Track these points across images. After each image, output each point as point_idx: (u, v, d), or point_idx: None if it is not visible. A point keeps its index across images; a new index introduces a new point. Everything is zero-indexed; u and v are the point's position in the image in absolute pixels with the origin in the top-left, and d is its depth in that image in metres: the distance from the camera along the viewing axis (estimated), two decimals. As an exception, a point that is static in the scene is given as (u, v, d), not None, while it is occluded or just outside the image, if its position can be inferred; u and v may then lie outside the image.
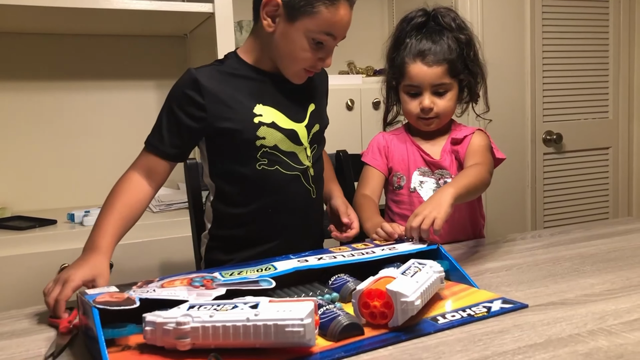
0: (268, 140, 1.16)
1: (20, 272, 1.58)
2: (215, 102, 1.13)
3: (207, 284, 0.84)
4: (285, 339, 0.69)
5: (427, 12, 1.36)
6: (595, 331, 0.77)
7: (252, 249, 1.22)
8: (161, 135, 1.15)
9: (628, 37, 2.49)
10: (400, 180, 1.38)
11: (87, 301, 0.76)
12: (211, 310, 0.72)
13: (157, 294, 0.80)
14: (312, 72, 1.18)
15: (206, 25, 1.95)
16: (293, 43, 1.12)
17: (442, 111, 1.34)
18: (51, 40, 2.09)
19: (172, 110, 1.15)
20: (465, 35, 1.34)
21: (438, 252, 1.03)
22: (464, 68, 1.35)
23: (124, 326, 0.77)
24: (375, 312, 0.79)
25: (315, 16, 1.09)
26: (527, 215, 2.35)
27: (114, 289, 0.82)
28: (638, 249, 1.20)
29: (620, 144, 2.53)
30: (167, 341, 0.72)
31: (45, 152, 2.10)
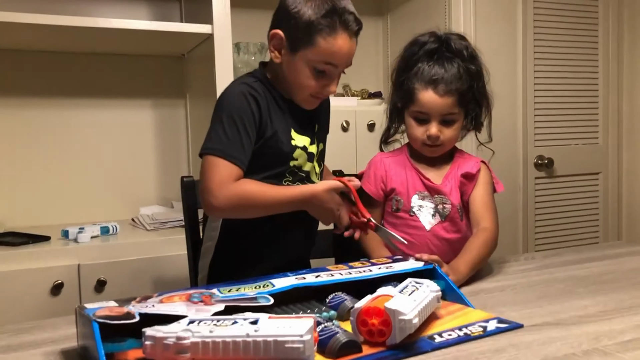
0: (299, 161, 1.23)
1: (14, 288, 1.57)
2: (267, 118, 1.19)
3: (206, 300, 0.84)
4: (285, 355, 0.70)
5: (439, 37, 1.36)
6: (590, 351, 0.78)
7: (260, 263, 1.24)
8: (243, 147, 1.15)
9: (617, 66, 2.55)
10: (399, 204, 1.38)
11: (87, 315, 0.76)
12: (211, 326, 0.72)
13: (157, 309, 0.80)
14: (320, 97, 1.23)
15: (204, 46, 1.97)
16: (297, 72, 1.18)
17: (447, 140, 1.35)
18: (48, 58, 2.11)
19: (242, 122, 1.15)
20: (476, 67, 1.35)
21: (434, 272, 1.04)
22: (472, 98, 1.36)
23: (124, 340, 0.77)
24: (373, 330, 0.80)
25: (314, 47, 1.14)
26: (518, 238, 2.37)
27: (113, 303, 0.82)
28: (629, 272, 1.22)
29: (610, 169, 2.57)
30: (167, 356, 0.72)
31: (40, 168, 2.10)
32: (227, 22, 1.85)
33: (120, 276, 1.68)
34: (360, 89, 2.46)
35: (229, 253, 1.27)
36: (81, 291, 1.65)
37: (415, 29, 2.36)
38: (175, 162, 2.30)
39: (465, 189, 1.38)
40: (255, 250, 1.26)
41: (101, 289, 1.66)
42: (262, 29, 2.30)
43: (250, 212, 1.17)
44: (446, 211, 1.35)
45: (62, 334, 0.90)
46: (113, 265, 1.69)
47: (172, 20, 2.19)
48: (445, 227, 1.36)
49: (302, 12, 1.14)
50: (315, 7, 1.13)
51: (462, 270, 1.18)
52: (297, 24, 1.14)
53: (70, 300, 1.63)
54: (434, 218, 1.35)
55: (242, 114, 1.15)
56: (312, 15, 1.13)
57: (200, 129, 2.15)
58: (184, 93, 2.30)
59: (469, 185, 1.38)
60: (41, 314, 1.58)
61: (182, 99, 2.30)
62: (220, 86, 1.85)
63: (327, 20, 1.13)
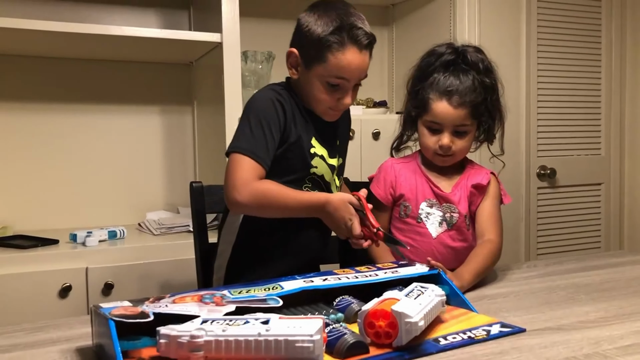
0: (319, 169, 1.29)
1: (23, 290, 1.60)
2: (291, 124, 1.25)
3: (217, 300, 0.86)
4: (295, 354, 0.72)
5: (455, 49, 1.39)
6: (590, 355, 0.80)
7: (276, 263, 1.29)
8: (267, 149, 1.21)
9: (619, 77, 2.57)
10: (407, 210, 1.40)
11: (103, 314, 0.78)
12: (224, 325, 0.75)
13: (170, 309, 0.82)
14: (338, 110, 1.29)
15: (213, 54, 2.00)
16: (312, 87, 1.25)
17: (459, 150, 1.37)
18: (58, 64, 2.14)
19: (269, 126, 1.22)
20: (491, 80, 1.37)
21: (439, 277, 1.06)
22: (485, 111, 1.38)
23: (138, 338, 0.79)
24: (380, 332, 0.82)
25: (325, 63, 1.21)
26: (520, 248, 2.39)
27: (127, 303, 0.84)
28: (631, 280, 1.24)
29: (612, 180, 2.59)
30: (180, 354, 0.74)
31: (49, 173, 2.13)
32: (236, 30, 1.89)
33: (127, 279, 1.71)
34: (365, 97, 2.48)
35: (246, 253, 1.31)
36: (89, 294, 1.67)
37: (420, 38, 2.40)
38: (182, 168, 2.33)
39: (475, 199, 1.40)
40: (271, 250, 1.30)
41: (108, 292, 1.68)
42: (269, 38, 2.36)
43: (269, 211, 1.22)
44: (453, 220, 1.37)
45: (76, 333, 0.92)
46: (120, 268, 1.71)
47: (181, 28, 2.23)
48: (452, 235, 1.38)
49: (312, 30, 1.21)
50: (324, 25, 1.20)
51: (466, 278, 1.21)
52: (308, 42, 1.22)
53: (78, 303, 1.65)
54: (441, 226, 1.38)
55: (269, 118, 1.22)
56: (321, 32, 1.20)
57: (207, 136, 2.18)
58: (191, 100, 2.33)
59: (478, 196, 1.40)
60: (50, 316, 1.58)
61: (190, 106, 2.33)
62: (228, 94, 1.88)
63: (335, 37, 1.20)
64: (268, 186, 1.19)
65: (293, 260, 1.30)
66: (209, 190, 1.47)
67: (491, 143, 1.45)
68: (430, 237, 1.37)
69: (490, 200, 1.41)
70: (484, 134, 1.43)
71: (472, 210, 1.41)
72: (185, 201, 2.28)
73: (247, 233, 1.30)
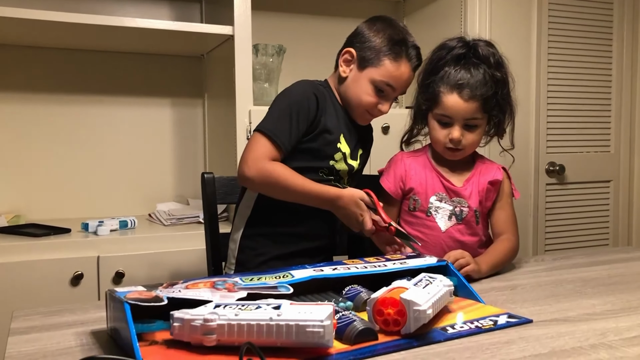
0: (339, 164, 1.35)
1: (35, 277, 1.63)
2: (322, 117, 1.32)
3: (230, 287, 0.88)
4: (306, 339, 0.74)
5: (466, 42, 1.39)
6: (596, 345, 0.81)
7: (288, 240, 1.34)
8: (290, 135, 1.27)
9: (630, 74, 2.56)
10: (416, 203, 1.41)
11: (119, 297, 0.80)
12: (236, 310, 0.76)
13: (183, 294, 0.84)
14: (373, 115, 1.38)
15: (224, 47, 2.02)
16: (360, 87, 1.34)
17: (469, 144, 1.38)
18: (72, 55, 2.16)
19: (297, 114, 1.28)
20: (502, 74, 1.38)
21: (447, 269, 1.07)
22: (496, 105, 1.38)
23: (153, 322, 0.82)
24: (388, 320, 0.83)
25: (380, 67, 1.32)
26: (528, 244, 2.39)
27: (141, 288, 0.86)
28: (638, 275, 1.25)
29: (622, 177, 2.58)
30: (193, 337, 0.76)
31: (61, 162, 2.16)
32: (248, 23, 1.90)
33: (138, 268, 1.73)
34: (374, 92, 2.49)
35: (258, 229, 1.36)
36: (100, 282, 1.70)
37: (431, 33, 2.40)
38: (192, 160, 2.35)
39: (490, 195, 1.41)
40: (282, 229, 1.34)
41: (119, 281, 1.71)
42: (280, 31, 2.38)
43: (276, 191, 1.27)
44: (463, 214, 1.38)
45: (91, 317, 0.94)
46: (131, 257, 1.73)
47: (192, 20, 2.25)
48: (461, 229, 1.39)
49: (375, 37, 1.33)
50: (389, 35, 1.33)
51: (482, 268, 1.23)
52: (370, 45, 1.33)
53: (90, 291, 1.68)
54: (450, 220, 1.39)
55: (299, 108, 1.29)
56: (384, 40, 1.32)
57: (218, 128, 2.20)
58: (202, 93, 2.35)
59: (493, 192, 1.41)
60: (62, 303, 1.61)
61: (200, 99, 2.35)
62: (239, 87, 1.90)
63: (397, 48, 1.32)
64: (278, 168, 1.24)
65: (303, 241, 1.35)
66: (220, 182, 1.48)
67: (501, 137, 1.45)
68: (439, 231, 1.38)
69: (505, 199, 1.43)
70: (494, 128, 1.43)
71: (486, 206, 1.41)
72: (195, 193, 2.31)
73: (261, 209, 1.35)
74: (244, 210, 1.38)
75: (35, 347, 0.80)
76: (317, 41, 2.43)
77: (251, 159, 1.24)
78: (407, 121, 1.50)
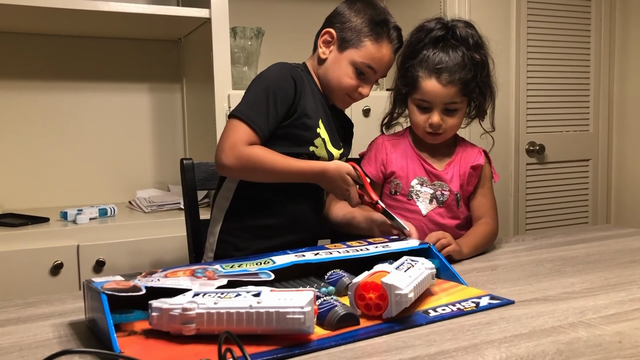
0: (319, 150, 1.29)
1: (14, 268, 1.60)
2: (299, 100, 1.27)
3: (209, 275, 0.87)
4: (286, 326, 0.73)
5: (445, 24, 1.37)
6: (575, 324, 0.82)
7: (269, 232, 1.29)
8: (267, 119, 1.22)
9: (609, 54, 2.58)
10: (397, 187, 1.40)
11: (96, 288, 0.78)
12: (215, 298, 0.75)
13: (162, 283, 0.83)
14: (353, 99, 1.34)
15: (201, 30, 1.99)
16: (340, 69, 1.30)
17: (449, 128, 1.37)
18: (46, 41, 2.11)
19: (274, 98, 1.23)
20: (481, 56, 1.36)
21: (429, 251, 1.07)
22: (476, 87, 1.36)
23: (131, 312, 0.80)
24: (370, 304, 0.83)
25: (361, 49, 1.28)
26: (509, 223, 2.42)
27: (119, 278, 0.85)
28: (616, 253, 1.26)
29: (600, 156, 2.61)
30: (172, 326, 0.75)
31: (38, 151, 2.12)
32: (225, 6, 1.87)
33: (119, 257, 1.71)
34: (355, 74, 2.48)
35: (237, 221, 1.31)
36: (80, 271, 1.68)
37: (410, 14, 2.38)
38: (172, 145, 2.33)
39: (472, 179, 1.41)
40: (263, 221, 1.30)
41: (100, 269, 1.69)
42: (258, 14, 2.34)
43: (258, 175, 1.22)
44: (444, 198, 1.39)
45: (69, 308, 0.93)
46: (112, 246, 1.72)
47: (169, 4, 2.20)
48: (441, 212, 1.39)
49: (356, 17, 1.29)
50: (370, 15, 1.29)
51: (463, 250, 1.24)
52: (350, 26, 1.29)
53: (70, 280, 1.66)
54: (431, 203, 1.39)
55: (277, 90, 1.23)
56: (365, 21, 1.28)
57: (197, 113, 2.18)
58: (180, 77, 2.32)
59: (474, 176, 1.41)
60: (41, 293, 1.59)
61: (179, 83, 2.32)
62: (217, 70, 1.87)
63: (378, 29, 1.28)
64: (256, 151, 1.19)
65: (285, 234, 1.30)
66: (200, 167, 1.47)
67: (482, 119, 1.45)
68: (420, 214, 1.39)
69: (486, 184, 1.42)
70: (474, 110, 1.42)
71: (467, 190, 1.41)
72: (175, 179, 2.28)
73: (240, 200, 1.30)
74: (221, 202, 1.32)
75: (11, 341, 0.79)
76: (297, 23, 2.40)
77: (228, 146, 1.18)
78: (387, 104, 1.49)
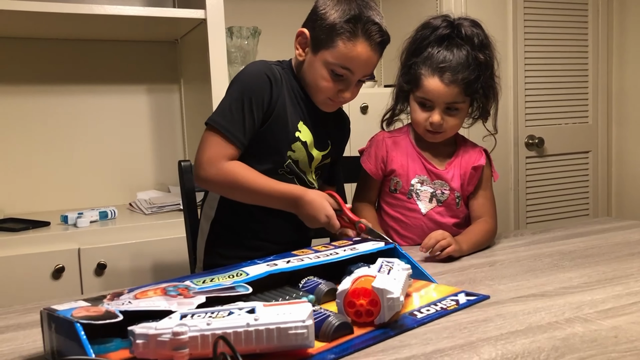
0: (296, 154, 1.25)
1: (16, 272, 1.61)
2: (277, 101, 1.22)
3: (184, 292, 0.81)
4: (288, 342, 0.69)
5: (451, 22, 1.34)
6: (572, 319, 0.82)
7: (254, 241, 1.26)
8: (244, 127, 1.18)
9: (607, 46, 2.58)
10: (397, 185, 1.40)
11: (64, 317, 0.69)
12: (206, 318, 0.69)
13: (136, 306, 0.75)
14: (337, 102, 1.26)
15: (197, 31, 1.99)
16: (316, 72, 1.22)
17: (450, 128, 1.35)
18: (44, 45, 2.12)
19: (250, 102, 1.18)
20: (486, 56, 1.33)
21: (395, 252, 1.05)
22: (479, 88, 1.34)
23: (110, 341, 0.72)
24: (361, 311, 0.80)
25: (334, 49, 1.18)
26: (510, 216, 2.42)
27: (84, 303, 0.76)
28: (614, 246, 1.27)
29: (600, 147, 2.61)
30: (162, 353, 0.67)
31: (37, 155, 2.13)
32: (220, 6, 1.87)
33: (120, 259, 1.72)
34: (353, 71, 2.48)
35: (223, 231, 1.28)
36: (82, 275, 1.68)
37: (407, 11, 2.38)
38: (171, 146, 2.33)
39: (472, 180, 1.40)
40: (248, 229, 1.27)
41: (102, 272, 1.70)
42: (254, 13, 2.34)
43: (236, 194, 1.19)
44: (444, 197, 1.38)
45: (68, 313, 0.93)
46: (113, 248, 1.72)
47: (165, 5, 2.21)
48: (441, 211, 1.39)
49: (328, 14, 1.19)
50: (342, 12, 1.18)
51: (463, 247, 1.23)
52: (322, 25, 1.19)
53: (72, 284, 1.67)
54: (431, 202, 1.39)
55: (252, 94, 1.18)
56: (336, 18, 1.17)
57: (195, 113, 2.18)
58: (178, 78, 2.32)
59: (475, 177, 1.40)
60: (43, 297, 1.61)
61: (177, 84, 2.32)
62: (214, 70, 1.87)
63: (350, 26, 1.17)
64: (237, 169, 1.16)
65: (270, 241, 1.27)
66: (198, 169, 1.47)
67: (485, 121, 1.42)
68: (419, 213, 1.38)
69: (486, 183, 1.41)
70: (477, 111, 1.40)
71: (467, 190, 1.40)
72: (175, 180, 2.29)
73: (225, 210, 1.27)
74: (208, 212, 1.30)
75: (10, 347, 0.79)
76: (293, 21, 2.37)
77: (205, 161, 1.15)
78: (389, 100, 1.47)
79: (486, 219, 1.37)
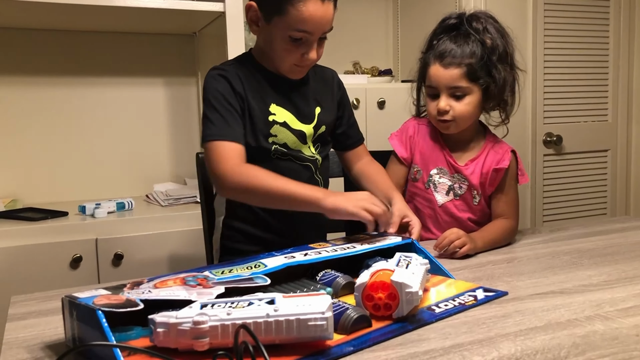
0: (279, 138, 1.23)
1: (34, 261, 1.63)
2: (243, 93, 1.21)
3: (203, 282, 0.81)
4: (308, 333, 0.69)
5: (460, 15, 1.36)
6: (592, 317, 0.82)
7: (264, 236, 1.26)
8: (233, 125, 1.18)
9: (628, 43, 2.54)
10: (417, 174, 1.41)
11: (86, 304, 0.70)
12: (227, 308, 0.69)
13: (157, 295, 0.75)
14: (304, 66, 1.23)
15: (216, 24, 1.99)
16: (274, 42, 1.18)
17: (458, 115, 1.33)
18: (64, 37, 2.14)
19: (221, 103, 1.18)
20: (492, 41, 1.32)
21: (412, 247, 1.05)
22: (486, 74, 1.32)
23: (130, 329, 0.73)
24: (379, 304, 0.80)
25: (285, 15, 1.13)
26: (526, 215, 2.40)
27: (105, 291, 0.77)
28: (634, 245, 1.25)
29: (619, 146, 2.58)
30: (182, 342, 0.68)
31: (56, 146, 2.15)
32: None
33: (137, 250, 1.73)
34: (370, 66, 2.47)
35: (233, 227, 1.29)
36: (99, 264, 1.70)
37: (425, 7, 2.37)
38: (188, 139, 2.34)
39: (494, 181, 1.38)
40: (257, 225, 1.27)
41: (119, 263, 1.71)
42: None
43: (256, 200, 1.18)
44: (462, 191, 1.38)
45: (88, 301, 0.94)
46: (130, 239, 1.74)
47: (183, -2, 2.21)
48: (457, 205, 1.39)
49: None
50: None
51: (477, 244, 1.22)
52: None
53: (89, 273, 1.69)
54: (448, 195, 1.38)
55: (218, 96, 1.19)
56: None
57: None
58: (195, 71, 2.33)
59: (497, 178, 1.38)
60: (61, 286, 1.62)
61: (194, 77, 2.33)
62: (232, 64, 1.87)
63: None
64: (256, 173, 1.13)
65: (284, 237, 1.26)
66: (215, 161, 1.47)
67: (504, 110, 1.40)
68: (435, 204, 1.39)
69: (509, 183, 1.38)
70: (491, 99, 1.36)
71: (489, 190, 1.39)
72: (192, 172, 2.30)
73: (233, 206, 1.28)
74: (219, 208, 1.30)
75: (32, 333, 0.80)
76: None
77: (227, 172, 1.13)
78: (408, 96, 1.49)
79: (506, 217, 1.36)
